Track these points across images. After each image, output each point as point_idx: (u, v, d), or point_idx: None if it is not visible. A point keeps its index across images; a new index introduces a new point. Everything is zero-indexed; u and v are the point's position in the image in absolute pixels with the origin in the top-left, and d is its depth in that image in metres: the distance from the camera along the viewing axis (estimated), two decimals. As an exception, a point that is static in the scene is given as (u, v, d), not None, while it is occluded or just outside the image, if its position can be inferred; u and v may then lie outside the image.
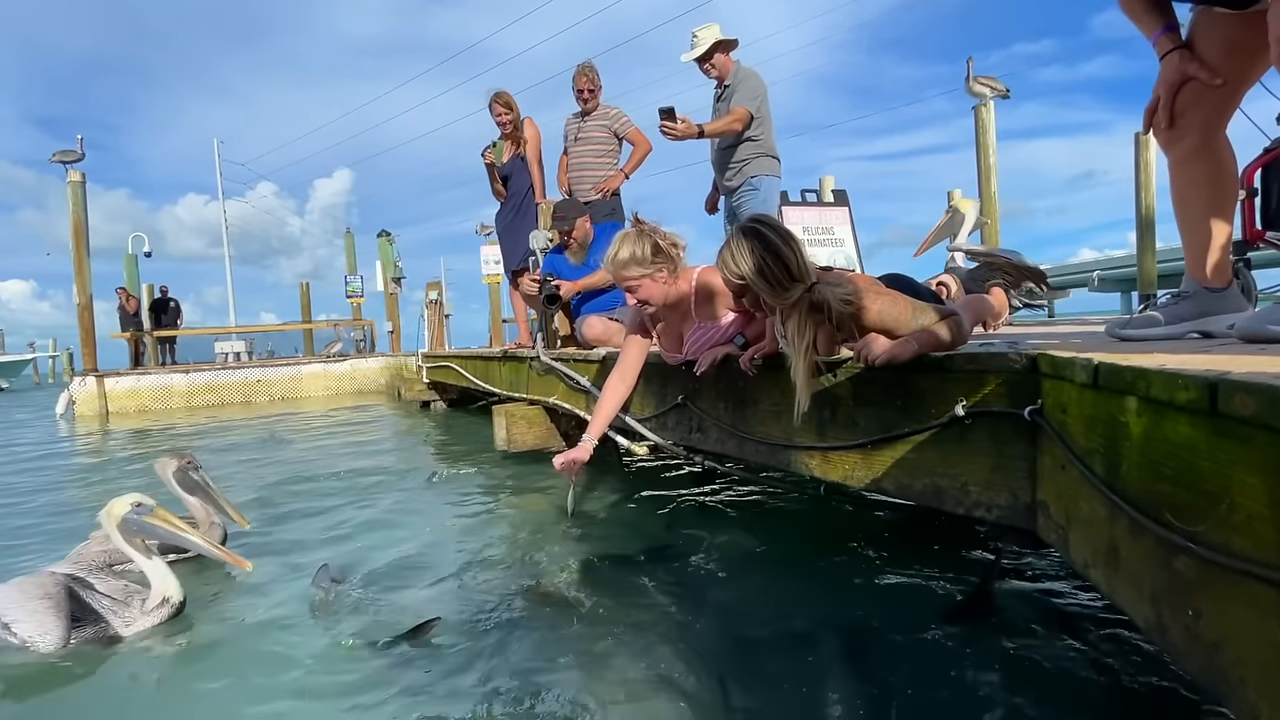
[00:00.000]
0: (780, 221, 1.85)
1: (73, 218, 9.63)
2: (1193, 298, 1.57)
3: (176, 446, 5.98)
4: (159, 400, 10.24)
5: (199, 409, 10.10)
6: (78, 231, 9.68)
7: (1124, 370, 0.96)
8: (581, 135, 4.54)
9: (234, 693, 1.56)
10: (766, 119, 3.73)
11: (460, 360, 6.40)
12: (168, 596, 1.91)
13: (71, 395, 9.86)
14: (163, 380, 10.48)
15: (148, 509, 1.95)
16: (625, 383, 2.53)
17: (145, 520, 1.94)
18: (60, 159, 9.47)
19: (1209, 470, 0.78)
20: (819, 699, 1.39)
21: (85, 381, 9.84)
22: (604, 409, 2.49)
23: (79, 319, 9.93)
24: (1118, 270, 28.23)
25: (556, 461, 2.40)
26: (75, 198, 9.60)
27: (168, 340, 13.01)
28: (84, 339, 10.03)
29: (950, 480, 1.53)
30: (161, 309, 13.08)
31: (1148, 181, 7.68)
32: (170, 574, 1.95)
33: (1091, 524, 1.09)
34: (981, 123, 7.16)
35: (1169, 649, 0.87)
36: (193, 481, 2.57)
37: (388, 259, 12.23)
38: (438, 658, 1.65)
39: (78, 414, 9.65)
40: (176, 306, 13.49)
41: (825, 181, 7.05)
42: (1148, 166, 7.73)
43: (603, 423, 2.46)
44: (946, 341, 1.60)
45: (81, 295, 9.86)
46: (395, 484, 3.74)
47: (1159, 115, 1.48)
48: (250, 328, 15.65)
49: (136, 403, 10.08)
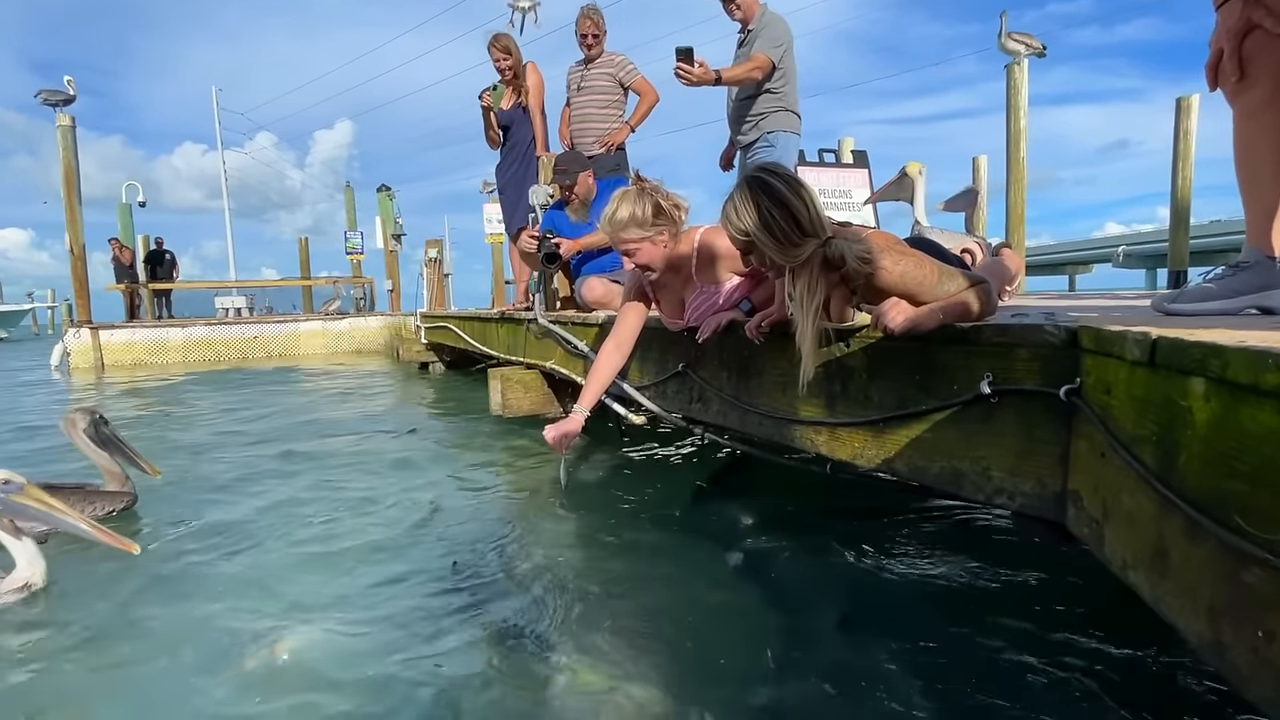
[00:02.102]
0: (790, 170, 1.70)
1: (63, 164, 9.45)
2: (1253, 268, 1.42)
3: (162, 402, 5.95)
4: (154, 355, 10.22)
5: (195, 365, 10.07)
6: (69, 178, 9.51)
7: (1190, 347, 0.83)
8: (585, 84, 4.33)
9: (114, 674, 1.45)
10: (790, 71, 3.52)
11: (458, 321, 6.29)
12: (30, 582, 1.80)
13: (66, 347, 9.84)
14: (158, 334, 10.43)
15: (16, 487, 1.82)
16: (621, 352, 2.41)
17: (14, 500, 1.81)
18: (47, 99, 9.23)
19: (1301, 469, 0.65)
20: (809, 675, 1.31)
21: (80, 333, 9.80)
22: (597, 379, 2.37)
23: (72, 270, 9.83)
24: (1145, 246, 27.61)
25: (547, 433, 2.29)
26: (65, 143, 9.41)
27: (163, 294, 12.95)
28: (77, 290, 9.95)
29: (971, 464, 1.42)
30: (157, 261, 12.98)
31: (1187, 151, 7.36)
32: (39, 557, 1.83)
33: (1135, 521, 0.98)
34: (1013, 83, 6.83)
35: (1228, 671, 0.76)
36: (104, 436, 2.55)
37: (388, 215, 12.03)
38: (397, 623, 1.57)
39: (73, 366, 9.65)
40: (172, 259, 13.39)
41: (845, 143, 6.79)
42: (1188, 135, 7.40)
43: (595, 393, 2.36)
44: (975, 311, 1.47)
45: (74, 245, 9.73)
46: (377, 448, 3.66)
47: (1225, 65, 1.34)
48: (250, 283, 15.58)
49: (132, 356, 10.06)
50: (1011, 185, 6.92)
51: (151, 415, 5.16)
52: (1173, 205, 7.69)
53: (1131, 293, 3.50)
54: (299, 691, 1.36)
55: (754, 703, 1.29)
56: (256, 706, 1.32)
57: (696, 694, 1.32)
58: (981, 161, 8.42)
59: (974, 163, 8.50)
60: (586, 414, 2.31)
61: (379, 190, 11.79)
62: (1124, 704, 1.24)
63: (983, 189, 3.48)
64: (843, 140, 6.88)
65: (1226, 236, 17.01)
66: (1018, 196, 6.90)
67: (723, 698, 1.31)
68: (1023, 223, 6.90)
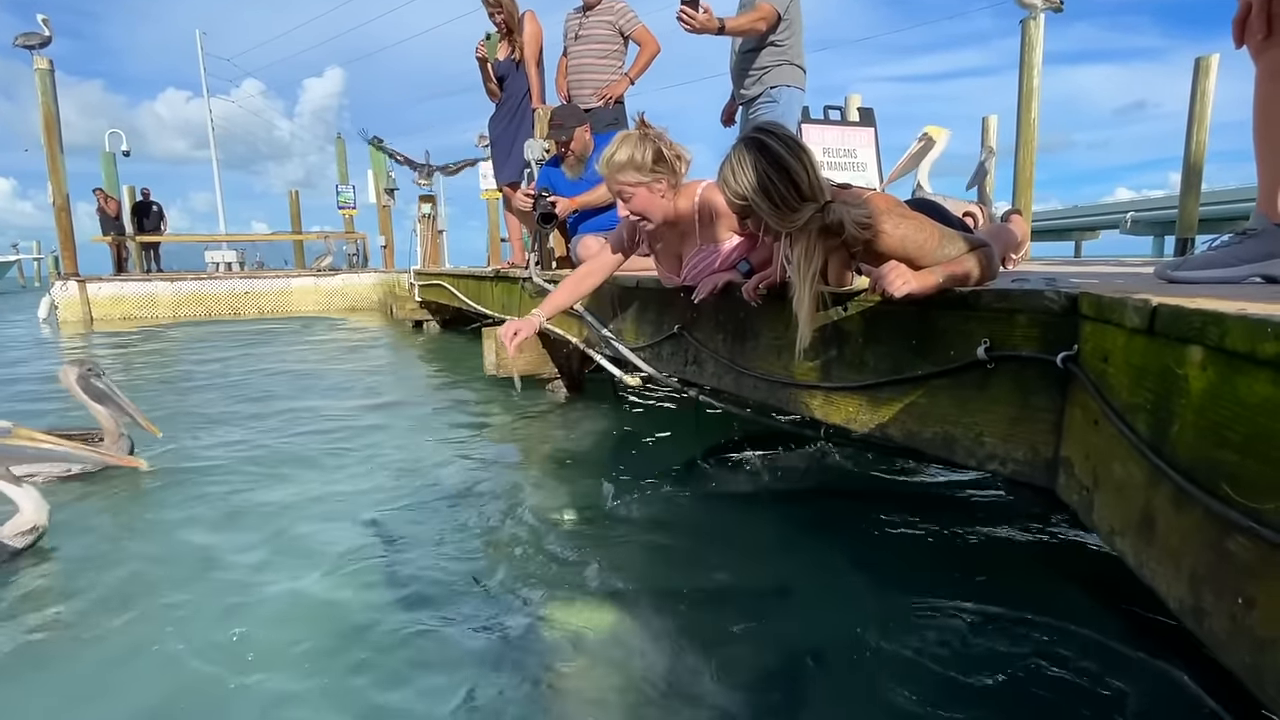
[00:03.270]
0: (791, 131, 1.66)
1: (43, 110, 9.22)
2: (1260, 236, 1.40)
3: (160, 358, 5.94)
4: (144, 309, 10.17)
5: (185, 319, 10.03)
6: (49, 125, 9.29)
7: (1190, 314, 0.82)
8: (583, 33, 4.20)
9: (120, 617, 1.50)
10: (796, 23, 3.41)
11: (452, 279, 6.24)
12: (38, 524, 1.81)
13: (53, 300, 9.77)
14: (147, 289, 10.36)
15: (5, 430, 1.82)
16: (591, 279, 2.42)
17: (6, 444, 1.81)
18: (24, 43, 8.96)
19: (1292, 439, 0.66)
20: (787, 652, 1.34)
21: (67, 286, 9.73)
22: (555, 297, 2.40)
23: (56, 220, 9.69)
24: (1154, 213, 27.31)
25: (501, 330, 2.32)
26: (44, 87, 9.16)
27: (152, 246, 12.80)
28: (63, 241, 9.83)
29: (964, 430, 1.42)
30: (143, 213, 12.77)
31: (1203, 113, 7.21)
32: (43, 501, 1.84)
33: (1124, 488, 0.99)
34: (1028, 39, 6.64)
35: (1205, 637, 0.78)
36: (97, 390, 2.52)
37: (380, 169, 11.81)
38: (378, 585, 1.60)
39: (61, 319, 9.60)
40: (160, 211, 13.17)
41: (851, 100, 6.62)
42: (1204, 96, 7.23)
43: (553, 308, 2.38)
44: (976, 275, 1.46)
45: (57, 195, 9.57)
46: (369, 405, 3.68)
47: (1253, 20, 1.29)
48: (240, 236, 15.37)
49: (121, 310, 10.01)
50: (1021, 147, 6.79)
51: (144, 369, 5.16)
52: (1185, 170, 7.56)
53: (1137, 260, 3.48)
54: (286, 643, 1.39)
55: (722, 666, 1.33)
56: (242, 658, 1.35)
57: (674, 653, 1.35)
58: (991, 121, 8.24)
59: (984, 123, 8.33)
60: (544, 320, 2.35)
61: (369, 142, 11.54)
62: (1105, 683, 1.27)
63: (994, 149, 3.46)
64: (849, 97, 6.72)
65: (1236, 204, 16.84)
66: (1027, 159, 6.78)
67: (703, 661, 1.34)
68: (1030, 186, 6.81)
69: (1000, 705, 1.16)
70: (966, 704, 1.16)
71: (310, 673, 1.30)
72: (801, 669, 1.31)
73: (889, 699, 1.19)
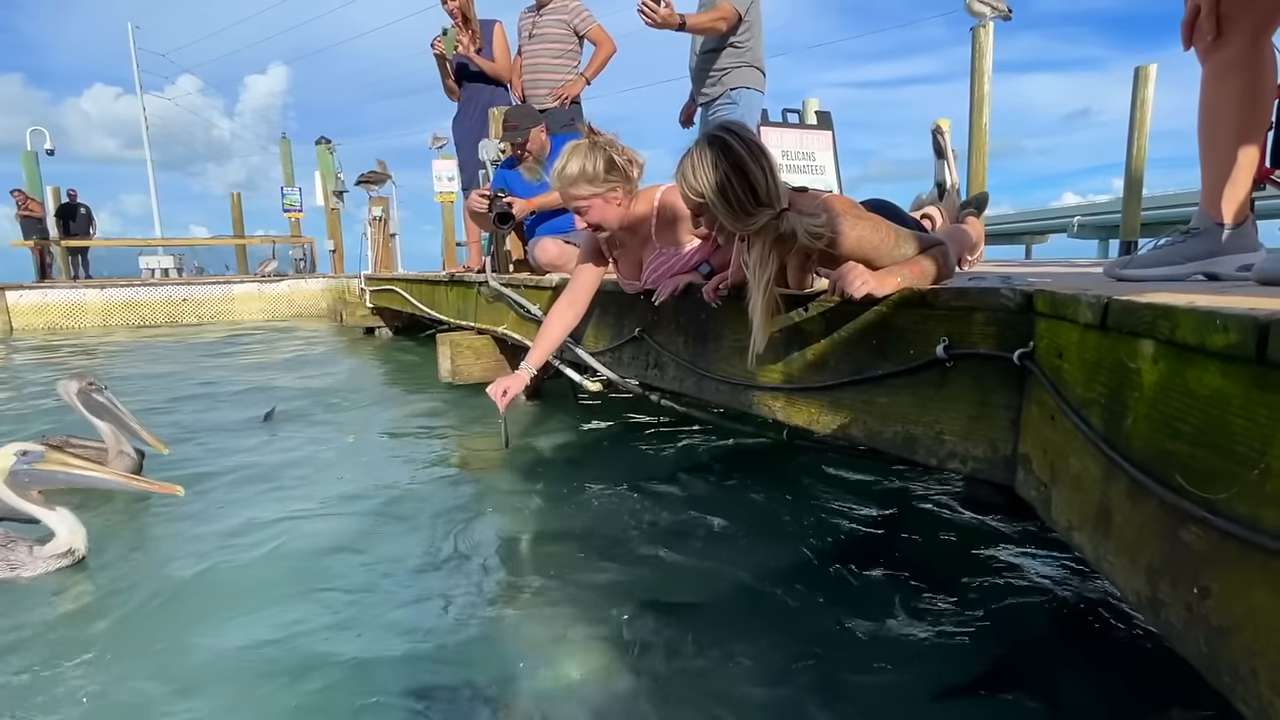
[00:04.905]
0: (754, 134, 1.67)
1: (-44, 104, 8.73)
2: (1202, 235, 1.46)
3: (81, 367, 5.64)
4: (70, 318, 9.68)
5: (117, 329, 9.58)
6: (-37, 121, 8.80)
7: (1142, 309, 0.85)
8: (537, 32, 4.18)
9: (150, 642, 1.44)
10: (756, 25, 3.45)
11: (404, 284, 6.12)
12: (74, 548, 1.78)
13: (-32, 309, 9.23)
14: (74, 296, 9.86)
15: (37, 455, 1.81)
16: (574, 310, 2.35)
17: (38, 469, 1.80)
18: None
19: (1242, 429, 0.68)
20: (757, 654, 1.33)
21: (-17, 294, 9.20)
22: (547, 336, 2.32)
23: (-29, 223, 9.18)
24: (1099, 217, 28.63)
25: (491, 389, 2.24)
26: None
27: (79, 251, 12.22)
28: (-21, 246, 9.31)
29: (924, 428, 1.45)
30: (69, 215, 12.18)
31: (1143, 120, 7.57)
32: (80, 525, 1.81)
33: (1081, 483, 1.01)
34: (978, 46, 6.87)
35: (1163, 628, 0.79)
36: (98, 404, 2.42)
37: (328, 170, 11.50)
38: (368, 599, 1.54)
39: (-23, 330, 9.07)
40: (88, 213, 12.58)
41: (809, 103, 6.75)
42: (1144, 105, 7.61)
43: (544, 352, 2.31)
44: (933, 274, 1.49)
45: (-27, 196, 9.06)
46: (322, 414, 3.56)
47: (1203, 22, 1.33)
48: (177, 240, 14.83)
49: (45, 320, 9.51)
50: (973, 152, 7.02)
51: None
52: (1127, 176, 7.93)
53: (1086, 261, 3.62)
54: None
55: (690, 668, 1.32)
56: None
57: (635, 660, 1.33)
58: (944, 126, 8.51)
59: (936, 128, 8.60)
60: (534, 372, 2.27)
61: (318, 143, 11.25)
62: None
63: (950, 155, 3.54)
64: (806, 101, 6.85)
65: (1176, 209, 17.77)
66: (979, 164, 7.00)
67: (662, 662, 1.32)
68: (983, 190, 7.03)
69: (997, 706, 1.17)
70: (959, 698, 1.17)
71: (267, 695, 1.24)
72: (772, 671, 1.31)
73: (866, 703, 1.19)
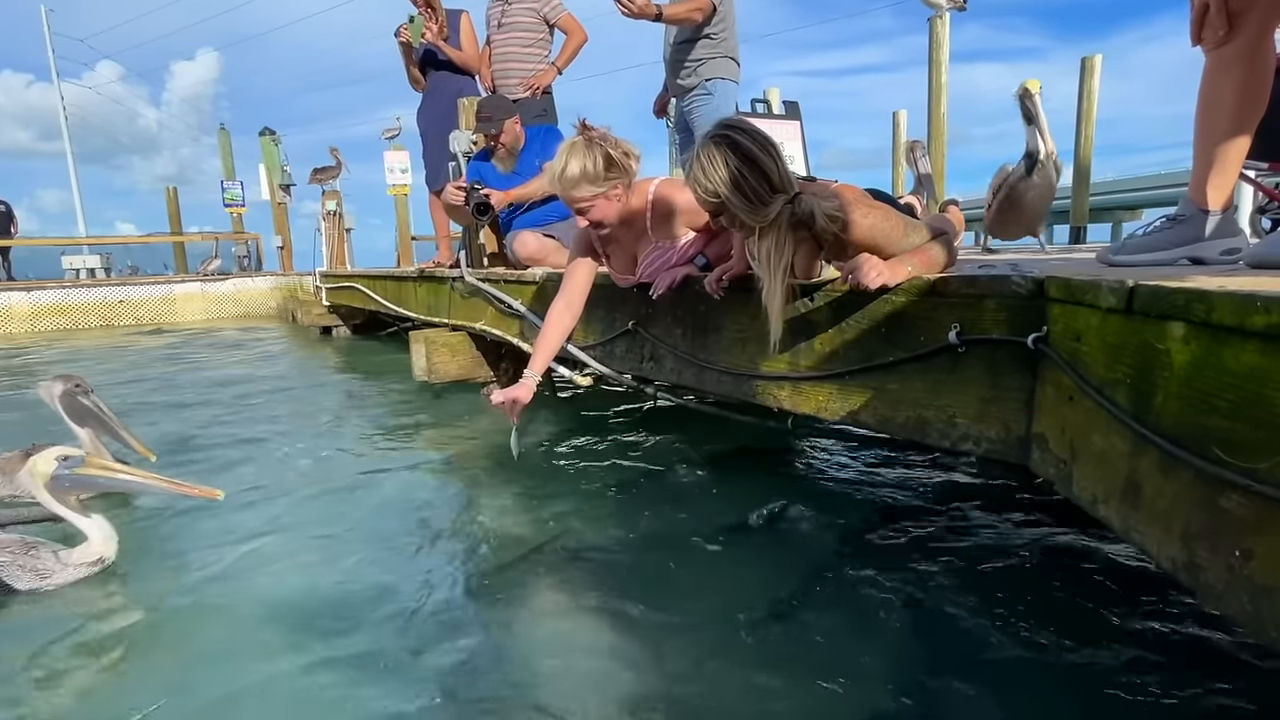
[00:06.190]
0: (754, 124, 1.70)
1: None
2: (1188, 221, 1.56)
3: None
4: (-6, 323, 9.13)
5: (47, 333, 9.09)
6: None
7: (1173, 293, 0.91)
8: (506, 21, 4.14)
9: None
10: (729, 16, 3.49)
11: (367, 281, 5.98)
12: (104, 556, 1.77)
13: (-123, 316, 8.62)
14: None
15: (77, 460, 1.80)
16: (571, 311, 2.33)
17: (79, 474, 1.79)
18: None
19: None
20: (766, 659, 1.37)
21: (-106, 299, 8.61)
22: (547, 341, 2.29)
23: (-123, 223, 8.55)
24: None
25: (495, 398, 2.20)
26: None
27: (1, 251, 11.52)
28: (-113, 248, 8.69)
29: (936, 413, 1.51)
30: (-12, 214, 11.46)
31: (1090, 111, 7.93)
32: (113, 533, 1.80)
33: (1106, 459, 1.08)
34: (936, 37, 7.08)
35: (1202, 589, 0.86)
36: (83, 408, 2.31)
37: (273, 163, 11.11)
38: (364, 622, 1.52)
39: (-112, 338, 8.48)
40: (8, 211, 11.85)
41: (771, 93, 6.85)
42: (1091, 95, 7.95)
43: (546, 357, 2.28)
44: (941, 262, 1.55)
45: (-122, 193, 8.44)
46: (301, 419, 3.47)
47: (1214, 17, 1.39)
48: (106, 239, 14.10)
49: (-35, 325, 8.96)
50: (932, 141, 7.23)
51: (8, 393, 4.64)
52: (1075, 164, 8.29)
53: (1055, 248, 3.78)
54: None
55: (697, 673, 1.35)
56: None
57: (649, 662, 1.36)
58: (901, 116, 8.76)
59: (894, 118, 8.83)
60: (539, 379, 2.24)
61: (261, 134, 10.84)
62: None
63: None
64: (769, 90, 6.95)
65: (1118, 195, 18.70)
66: (938, 153, 7.22)
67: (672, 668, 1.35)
68: (942, 179, 7.26)
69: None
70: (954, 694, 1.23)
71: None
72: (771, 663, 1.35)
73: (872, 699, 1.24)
